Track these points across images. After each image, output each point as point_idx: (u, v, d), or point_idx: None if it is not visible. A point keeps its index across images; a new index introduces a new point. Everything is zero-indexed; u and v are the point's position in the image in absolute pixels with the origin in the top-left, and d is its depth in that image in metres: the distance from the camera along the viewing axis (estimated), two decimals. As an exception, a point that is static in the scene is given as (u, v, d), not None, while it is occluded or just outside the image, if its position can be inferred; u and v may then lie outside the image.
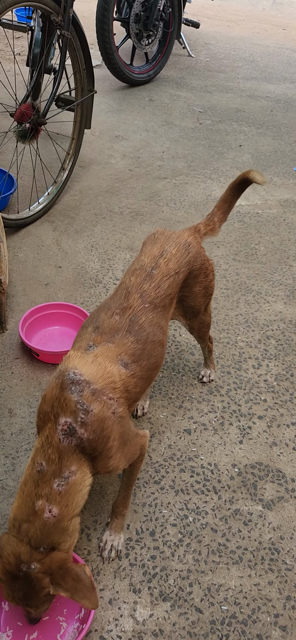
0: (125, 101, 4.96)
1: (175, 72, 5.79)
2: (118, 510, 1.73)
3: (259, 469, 2.02)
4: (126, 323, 1.64)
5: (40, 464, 1.39)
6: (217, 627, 1.60)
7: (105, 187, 3.64)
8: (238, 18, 8.14)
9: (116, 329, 1.62)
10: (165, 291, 1.76)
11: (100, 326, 1.63)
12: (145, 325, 1.67)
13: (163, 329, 1.75)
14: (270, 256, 3.12)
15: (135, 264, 1.82)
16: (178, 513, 1.86)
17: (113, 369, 1.53)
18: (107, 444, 1.45)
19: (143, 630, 1.57)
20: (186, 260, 1.85)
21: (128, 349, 1.60)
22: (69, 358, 1.55)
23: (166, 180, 3.78)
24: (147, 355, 1.64)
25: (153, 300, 1.72)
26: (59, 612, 1.57)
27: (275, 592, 1.69)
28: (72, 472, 1.40)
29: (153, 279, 1.75)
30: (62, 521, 1.37)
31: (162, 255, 1.81)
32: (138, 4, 4.93)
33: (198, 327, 2.08)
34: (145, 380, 1.65)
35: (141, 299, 1.70)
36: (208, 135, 4.52)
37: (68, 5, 2.91)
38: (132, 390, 1.59)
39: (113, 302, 1.71)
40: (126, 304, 1.68)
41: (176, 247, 1.85)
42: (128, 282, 1.75)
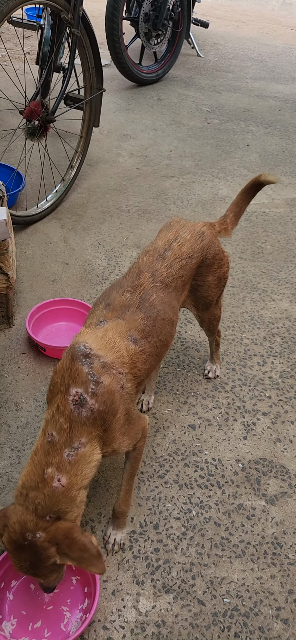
0: (134, 100, 4.98)
1: (184, 72, 5.80)
2: (120, 510, 1.73)
3: (263, 465, 2.03)
4: (136, 300, 1.67)
5: (51, 435, 1.40)
6: (219, 619, 1.61)
7: (112, 185, 3.66)
8: (247, 18, 8.14)
9: (127, 306, 1.65)
10: (176, 272, 1.80)
11: (111, 303, 1.66)
12: (156, 303, 1.70)
13: (174, 309, 1.79)
14: (276, 255, 3.12)
15: (149, 247, 1.87)
16: (181, 507, 1.88)
17: (122, 344, 1.56)
18: (114, 417, 1.47)
19: (145, 621, 1.59)
20: (199, 247, 1.90)
21: (138, 325, 1.63)
22: (80, 333, 1.58)
23: (173, 179, 3.80)
24: (156, 332, 1.67)
25: (164, 279, 1.76)
26: (63, 602, 1.59)
27: (277, 586, 1.70)
28: (82, 443, 1.41)
29: (165, 260, 1.79)
30: (71, 490, 1.38)
31: (176, 239, 1.86)
32: (147, 4, 4.95)
33: (209, 319, 2.12)
34: (154, 357, 1.67)
35: (152, 277, 1.74)
36: (216, 134, 4.53)
37: (78, 3, 2.93)
38: (141, 367, 1.61)
39: (125, 280, 1.75)
40: (137, 282, 1.72)
41: (190, 234, 1.90)
42: (140, 261, 1.80)
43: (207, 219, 3.35)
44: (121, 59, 4.86)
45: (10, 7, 2.65)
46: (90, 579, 1.61)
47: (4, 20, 2.68)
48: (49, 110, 3.06)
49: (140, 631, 1.57)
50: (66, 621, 1.56)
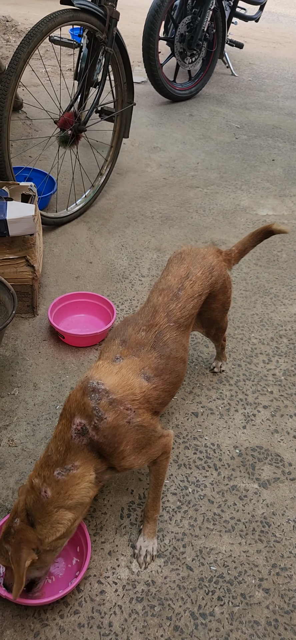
0: (166, 115, 5.19)
1: (217, 90, 5.99)
2: (149, 515, 1.82)
3: (259, 452, 2.15)
4: (152, 339, 1.76)
5: (51, 450, 1.57)
6: (205, 584, 1.74)
7: (139, 193, 3.86)
8: (284, 40, 8.28)
9: (142, 344, 1.75)
10: (189, 312, 1.90)
11: (127, 340, 1.76)
12: (169, 342, 1.79)
13: (185, 347, 1.88)
14: (291, 263, 3.25)
15: (163, 284, 1.95)
16: (179, 484, 2.02)
17: (135, 382, 1.64)
18: (118, 448, 1.57)
19: (137, 579, 1.74)
20: (209, 283, 2.00)
21: (152, 364, 1.71)
22: (97, 367, 1.66)
23: (198, 189, 3.97)
24: (169, 370, 1.76)
25: (178, 319, 1.85)
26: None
27: (262, 560, 1.82)
28: (74, 466, 1.54)
29: (179, 300, 1.88)
30: (49, 505, 1.51)
31: (188, 277, 1.95)
32: (183, 25, 5.17)
33: (215, 332, 2.26)
34: (167, 393, 1.76)
35: (167, 317, 1.83)
36: (243, 149, 4.69)
37: (112, 24, 3.16)
38: (154, 402, 1.68)
39: (140, 318, 1.84)
40: (152, 321, 1.81)
41: (201, 270, 1.99)
42: (155, 301, 1.88)
43: (227, 227, 3.50)
44: (156, 76, 5.09)
45: (50, 27, 2.89)
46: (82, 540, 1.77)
47: (44, 38, 2.93)
48: (81, 120, 3.30)
49: (131, 588, 1.71)
50: (61, 575, 1.72)
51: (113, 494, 1.96)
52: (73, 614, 1.63)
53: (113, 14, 3.14)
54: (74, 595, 1.67)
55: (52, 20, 2.89)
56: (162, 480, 1.79)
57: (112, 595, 1.68)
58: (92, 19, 3.09)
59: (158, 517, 1.85)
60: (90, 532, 1.83)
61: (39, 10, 7.48)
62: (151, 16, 4.86)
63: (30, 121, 4.49)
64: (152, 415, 1.69)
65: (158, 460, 1.74)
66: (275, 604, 1.70)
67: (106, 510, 1.91)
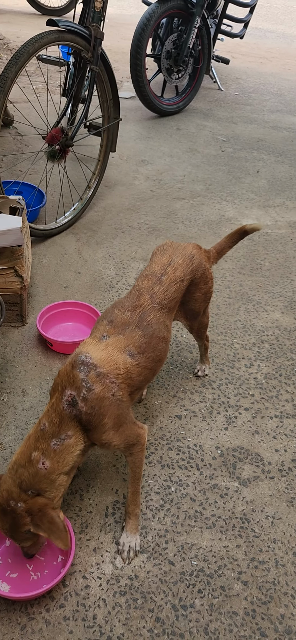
0: (154, 129, 5.30)
1: (204, 104, 6.12)
2: (130, 510, 1.90)
3: (240, 452, 2.23)
4: (136, 319, 1.90)
5: (44, 424, 1.67)
6: (186, 577, 1.81)
7: (127, 205, 3.96)
8: (271, 55, 8.45)
9: (127, 324, 1.88)
10: (172, 295, 2.04)
11: (113, 320, 1.90)
12: (152, 322, 1.93)
13: (168, 327, 2.02)
14: (273, 271, 3.34)
15: (147, 270, 2.10)
16: (162, 483, 2.09)
17: (120, 358, 1.78)
18: (102, 420, 1.70)
19: (120, 574, 1.80)
20: (190, 270, 2.13)
21: (136, 342, 1.85)
22: (85, 344, 1.81)
23: (184, 201, 4.07)
24: (152, 348, 1.90)
25: (161, 301, 1.99)
26: (43, 554, 1.83)
27: (242, 554, 1.89)
28: (68, 435, 1.67)
29: (162, 284, 2.03)
30: (52, 474, 1.64)
31: (170, 264, 2.09)
32: (170, 42, 5.31)
33: (197, 327, 2.35)
34: (149, 371, 1.90)
35: (151, 299, 1.97)
36: (229, 161, 4.81)
37: (97, 44, 3.28)
38: (136, 378, 1.83)
39: (126, 300, 1.98)
40: (137, 302, 1.95)
41: (182, 258, 2.13)
42: (140, 285, 2.03)
43: (212, 237, 3.60)
44: (144, 92, 5.21)
45: (36, 47, 3.00)
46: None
47: (31, 58, 3.03)
48: (68, 136, 3.40)
49: (114, 582, 1.78)
50: (46, 572, 1.78)
51: (98, 493, 2.03)
52: (59, 608, 1.70)
53: (98, 34, 3.25)
54: (59, 590, 1.74)
55: (39, 41, 2.99)
56: (139, 474, 1.87)
57: (96, 590, 1.75)
58: (77, 39, 3.20)
59: (139, 513, 1.92)
60: (75, 530, 1.90)
61: (30, 29, 7.62)
62: (138, 34, 5.00)
63: (21, 136, 4.59)
64: (131, 394, 1.83)
65: (133, 452, 1.84)
66: (253, 596, 1.77)
67: (91, 510, 1.98)
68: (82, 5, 3.38)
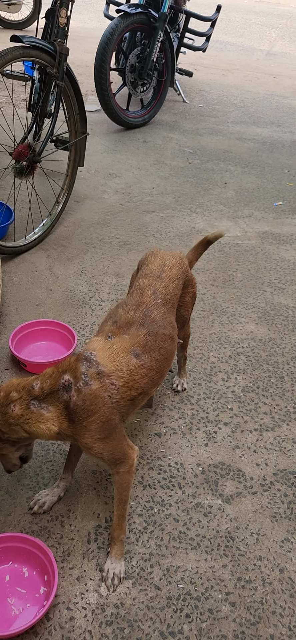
0: (121, 142, 5.29)
1: (169, 116, 6.14)
2: (115, 535, 1.83)
3: (221, 468, 2.21)
4: (140, 317, 1.89)
5: (36, 384, 1.68)
6: (173, 602, 1.77)
7: (97, 219, 3.91)
8: (233, 67, 8.57)
9: (131, 323, 1.87)
10: (172, 290, 2.06)
11: (118, 320, 1.89)
12: (157, 319, 1.92)
13: (173, 325, 2.02)
14: (246, 282, 3.35)
15: (144, 271, 2.10)
16: (144, 505, 2.05)
17: (124, 359, 1.76)
18: (89, 417, 1.67)
19: (106, 603, 1.75)
20: (182, 270, 2.17)
21: (141, 341, 1.83)
22: (92, 342, 1.83)
23: (154, 214, 4.06)
24: (157, 347, 1.87)
25: (164, 296, 2.00)
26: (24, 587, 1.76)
27: (228, 574, 1.86)
28: (48, 409, 1.67)
29: (162, 280, 2.04)
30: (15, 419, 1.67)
31: (165, 264, 2.12)
32: (133, 56, 5.31)
33: (183, 337, 2.36)
34: (155, 372, 1.86)
35: (154, 295, 1.97)
36: (196, 173, 4.83)
37: (62, 59, 3.24)
38: (140, 380, 1.79)
39: (129, 299, 1.98)
40: (140, 300, 1.95)
41: (174, 259, 2.17)
42: (141, 283, 2.03)
43: (183, 249, 3.56)
44: (109, 105, 5.20)
45: (1, 64, 2.94)
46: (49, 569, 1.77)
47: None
48: (35, 151, 3.34)
49: (100, 612, 1.73)
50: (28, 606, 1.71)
51: (79, 519, 1.97)
52: (43, 643, 1.63)
53: (63, 49, 3.22)
54: (43, 624, 1.67)
55: (3, 58, 2.94)
56: (126, 497, 1.81)
57: (81, 621, 1.69)
58: (42, 55, 3.16)
59: (125, 539, 1.86)
60: (57, 559, 1.84)
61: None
62: (102, 48, 4.98)
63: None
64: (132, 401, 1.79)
65: (120, 471, 1.78)
66: (242, 617, 1.75)
67: (73, 536, 1.92)
68: (45, 20, 3.34)
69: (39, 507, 1.97)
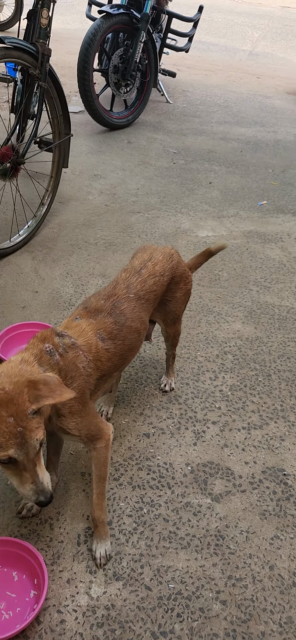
0: (105, 143, 5.27)
1: (153, 117, 6.15)
2: (96, 516, 1.83)
3: (210, 467, 2.21)
4: (109, 307, 1.94)
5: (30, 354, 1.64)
6: (164, 602, 1.77)
7: (82, 220, 3.90)
8: (215, 68, 8.60)
9: (100, 310, 1.92)
10: (150, 287, 2.08)
11: (88, 306, 1.94)
12: (126, 312, 1.96)
13: (142, 320, 2.05)
14: (232, 281, 3.37)
15: (127, 266, 2.15)
16: (134, 505, 2.04)
17: (92, 338, 1.83)
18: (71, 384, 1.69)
19: (96, 605, 1.74)
20: (170, 266, 2.18)
21: (107, 328, 1.89)
22: (64, 321, 1.89)
23: (139, 214, 4.05)
24: (122, 337, 1.93)
25: (138, 292, 2.03)
26: (15, 591, 1.74)
27: (218, 572, 1.86)
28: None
29: (140, 276, 2.07)
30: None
31: (150, 259, 2.15)
32: (116, 57, 5.30)
33: (173, 334, 2.38)
34: (118, 358, 1.93)
35: (127, 289, 2.01)
36: (181, 173, 4.83)
37: (45, 60, 3.22)
38: (105, 363, 1.86)
39: (103, 290, 2.03)
40: (112, 292, 1.99)
41: (162, 255, 2.19)
42: (118, 276, 2.08)
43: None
44: (93, 106, 5.18)
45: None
46: (39, 572, 1.76)
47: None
48: (19, 153, 3.32)
49: (91, 614, 1.72)
50: (18, 610, 1.70)
51: (69, 521, 1.96)
52: (33, 648, 1.62)
53: (45, 50, 3.20)
54: (33, 628, 1.66)
55: (-16, 59, 2.91)
56: (105, 474, 1.83)
57: (72, 624, 1.68)
58: (24, 56, 3.14)
59: (106, 520, 1.87)
60: (47, 561, 1.83)
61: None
62: (84, 49, 4.96)
63: None
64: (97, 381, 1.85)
65: (97, 446, 1.80)
66: (233, 615, 1.75)
67: (62, 539, 1.91)
68: (27, 21, 3.32)
69: (28, 510, 1.96)
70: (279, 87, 7.95)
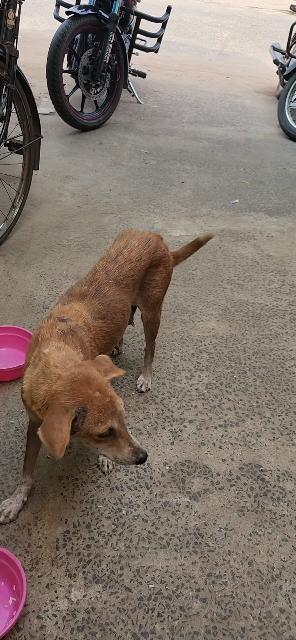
0: (76, 145, 5.25)
1: (125, 118, 6.14)
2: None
3: (188, 466, 2.22)
4: (93, 291, 2.03)
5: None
6: (144, 603, 1.77)
7: (54, 222, 3.87)
8: (185, 68, 8.64)
9: (85, 295, 2.02)
10: (127, 272, 2.15)
11: (73, 293, 2.04)
12: (108, 294, 2.06)
13: (124, 302, 2.13)
14: (205, 280, 3.38)
15: (105, 254, 2.23)
16: (112, 507, 2.04)
17: (88, 317, 1.93)
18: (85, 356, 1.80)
19: (76, 609, 1.73)
20: (147, 251, 2.23)
21: (95, 308, 1.99)
22: (55, 310, 1.95)
23: (112, 215, 4.04)
24: (110, 316, 2.03)
25: (116, 277, 2.11)
26: (-1, 596, 1.72)
27: (198, 570, 1.87)
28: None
29: (117, 262, 2.15)
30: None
31: (126, 246, 2.22)
32: (85, 58, 5.28)
33: (152, 320, 2.41)
34: (109, 337, 2.03)
35: (106, 275, 2.10)
36: (153, 174, 4.84)
37: (12, 62, 3.19)
38: (101, 341, 1.97)
39: (84, 278, 2.12)
40: (93, 278, 2.08)
41: (138, 241, 2.25)
42: (97, 265, 2.17)
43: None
44: (63, 108, 5.14)
45: None
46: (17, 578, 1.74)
47: None
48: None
49: (71, 618, 1.71)
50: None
51: (47, 525, 1.94)
52: (13, 656, 1.60)
53: (12, 52, 3.17)
54: (13, 635, 1.64)
55: None
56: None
57: (52, 629, 1.67)
58: None
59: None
60: (26, 567, 1.81)
61: None
62: (53, 50, 4.92)
63: None
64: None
65: None
66: (213, 612, 1.76)
67: (41, 544, 1.89)
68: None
69: (5, 517, 1.94)
70: (249, 87, 8.03)
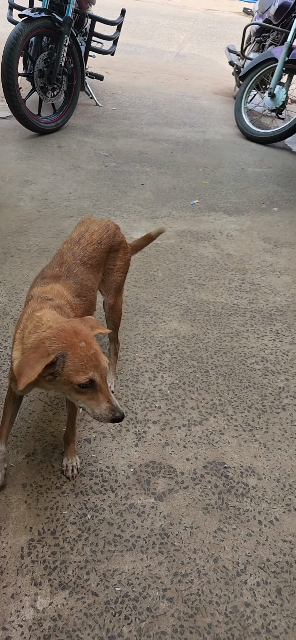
0: (35, 148, 5.20)
1: (83, 120, 6.12)
2: (69, 439, 2.14)
3: (152, 467, 2.23)
4: (65, 272, 2.11)
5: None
6: (111, 606, 1.76)
7: (14, 227, 3.82)
8: (143, 70, 8.67)
9: (58, 276, 2.08)
10: (90, 253, 2.24)
11: (45, 276, 2.09)
12: (79, 274, 2.14)
13: (92, 281, 2.22)
14: (167, 281, 3.40)
15: (67, 239, 2.31)
16: (77, 512, 2.03)
17: (68, 296, 2.00)
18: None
19: (43, 617, 1.71)
20: (106, 235, 2.34)
21: (71, 287, 2.06)
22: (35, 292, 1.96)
23: (72, 219, 4.02)
24: (84, 294, 2.12)
25: (82, 258, 2.20)
26: None
27: (164, 571, 1.88)
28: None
29: (80, 245, 2.25)
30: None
31: (88, 230, 2.32)
32: (41, 61, 5.23)
33: (114, 306, 2.44)
34: (87, 313, 2.11)
35: (73, 256, 2.19)
36: (113, 176, 4.84)
37: None
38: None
39: (52, 262, 2.19)
40: (62, 260, 2.16)
41: (98, 226, 2.36)
42: (62, 248, 2.25)
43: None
44: (20, 111, 5.08)
45: None
46: None
47: None
48: None
49: (37, 627, 1.69)
50: None
51: (11, 535, 1.92)
52: None
53: None
54: (-23, 650, 1.61)
55: None
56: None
57: (18, 640, 1.65)
58: None
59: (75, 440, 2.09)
60: (-10, 580, 1.78)
61: None
62: (7, 54, 4.85)
63: None
64: None
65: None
66: (180, 611, 1.77)
67: (5, 554, 1.86)
68: None
69: None
70: (206, 88, 8.12)
